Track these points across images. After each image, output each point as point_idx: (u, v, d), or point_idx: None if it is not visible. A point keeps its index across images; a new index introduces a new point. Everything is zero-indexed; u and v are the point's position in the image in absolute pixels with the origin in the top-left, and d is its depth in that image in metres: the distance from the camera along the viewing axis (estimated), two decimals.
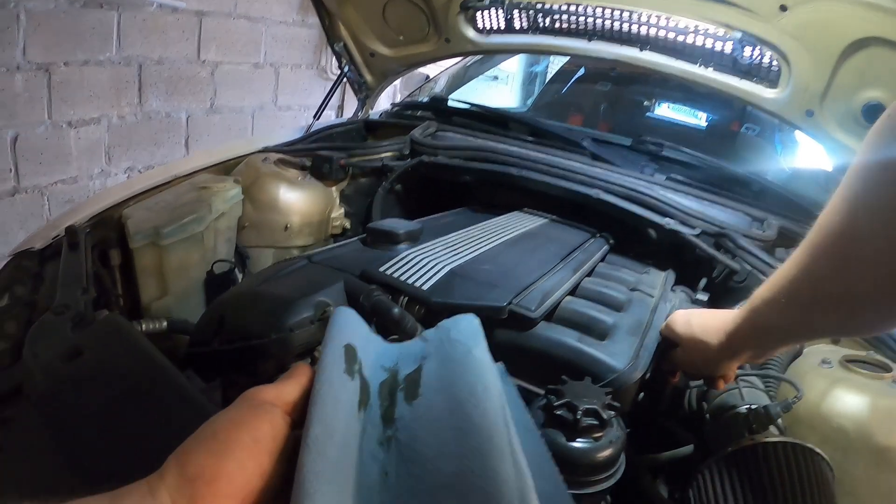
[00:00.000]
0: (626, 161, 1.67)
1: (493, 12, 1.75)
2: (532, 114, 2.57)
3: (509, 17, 1.74)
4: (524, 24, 1.75)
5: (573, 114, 2.49)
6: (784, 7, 1.30)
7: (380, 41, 1.93)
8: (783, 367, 1.05)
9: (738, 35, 1.43)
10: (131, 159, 2.91)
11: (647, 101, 2.51)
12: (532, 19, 1.73)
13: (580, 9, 1.62)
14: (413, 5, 1.78)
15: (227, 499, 0.37)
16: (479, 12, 1.77)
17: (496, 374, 0.53)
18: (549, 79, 3.45)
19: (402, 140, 1.77)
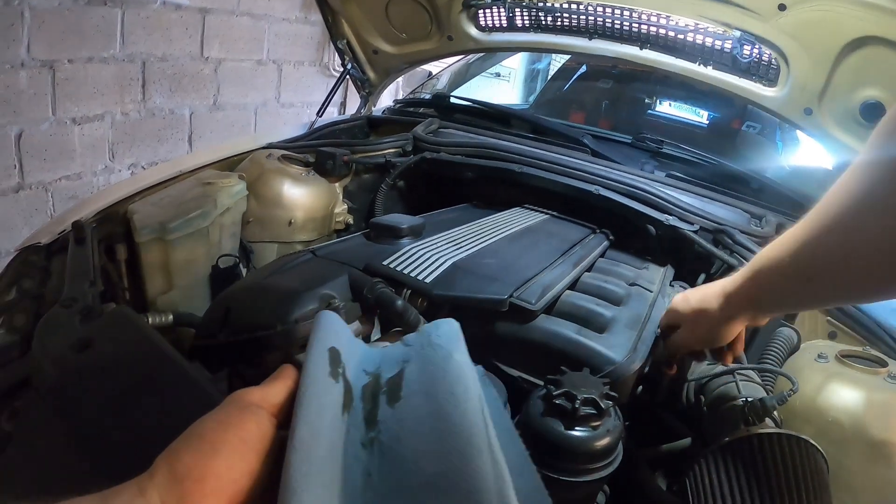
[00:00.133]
0: (627, 158, 1.68)
1: (495, 10, 1.76)
2: (534, 111, 2.57)
3: (511, 15, 1.76)
4: (526, 22, 1.77)
5: (575, 111, 2.48)
6: (783, 6, 1.31)
7: (383, 38, 1.94)
8: (780, 361, 1.07)
9: (738, 34, 1.44)
10: (135, 156, 2.92)
11: (648, 99, 2.50)
12: (534, 17, 1.74)
13: (581, 7, 1.63)
14: (416, 3, 1.79)
15: (215, 498, 0.38)
16: (482, 10, 1.78)
17: (476, 377, 0.54)
18: (550, 76, 3.45)
19: (404, 136, 1.78)
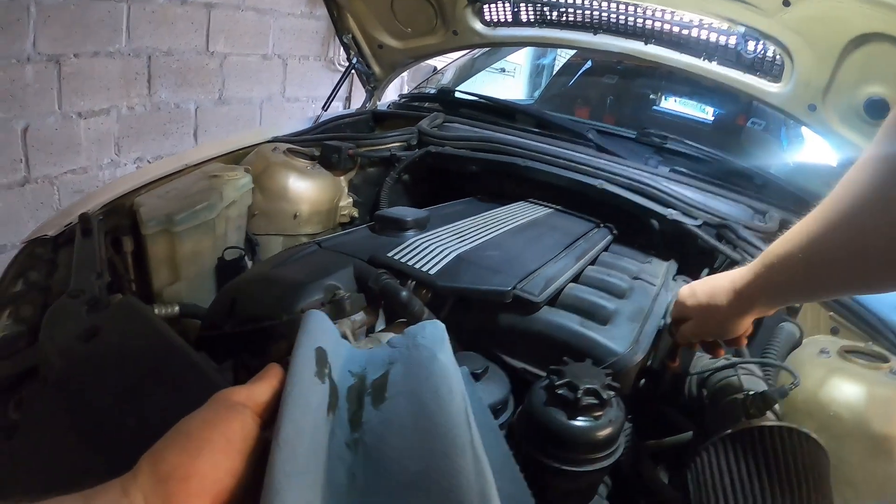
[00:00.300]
0: (631, 153, 1.68)
1: (500, 5, 1.76)
2: (538, 106, 2.57)
3: (516, 10, 1.76)
4: (531, 16, 1.77)
5: (580, 106, 2.47)
6: (787, 2, 1.30)
7: (388, 33, 1.94)
8: (782, 356, 1.07)
9: (742, 29, 1.44)
10: (140, 150, 2.93)
11: (653, 95, 2.49)
12: (539, 12, 1.74)
13: (586, 2, 1.63)
14: None
15: (199, 497, 0.38)
16: (487, 5, 1.78)
17: (460, 377, 0.54)
18: (556, 71, 3.45)
19: (409, 131, 1.79)
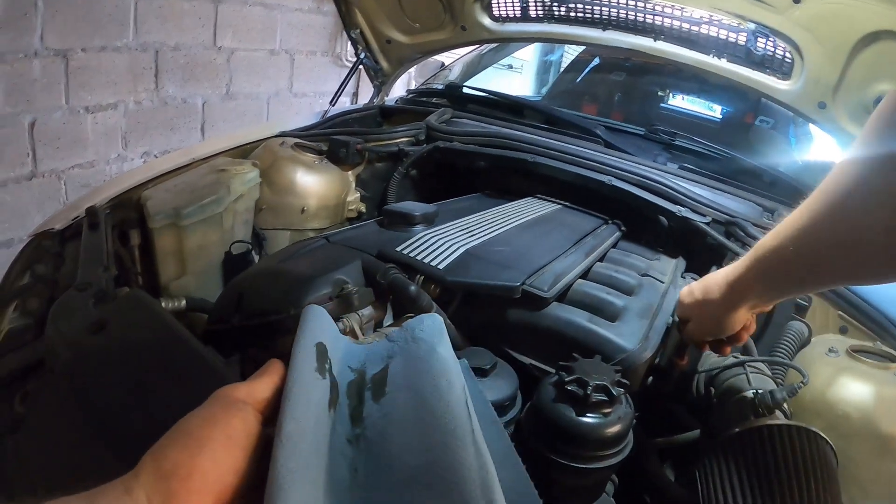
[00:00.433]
0: (640, 150, 1.68)
1: (508, 0, 1.76)
2: (546, 103, 2.56)
3: (525, 5, 1.75)
4: (540, 12, 1.76)
5: (587, 103, 2.46)
6: None
7: (396, 28, 1.94)
8: (791, 354, 1.06)
9: (752, 26, 1.43)
10: (147, 144, 2.93)
11: (661, 92, 2.48)
12: (547, 8, 1.73)
13: None
14: None
15: (201, 495, 0.38)
16: (495, 0, 1.77)
17: (460, 370, 0.54)
18: (563, 68, 3.43)
19: (417, 126, 1.79)
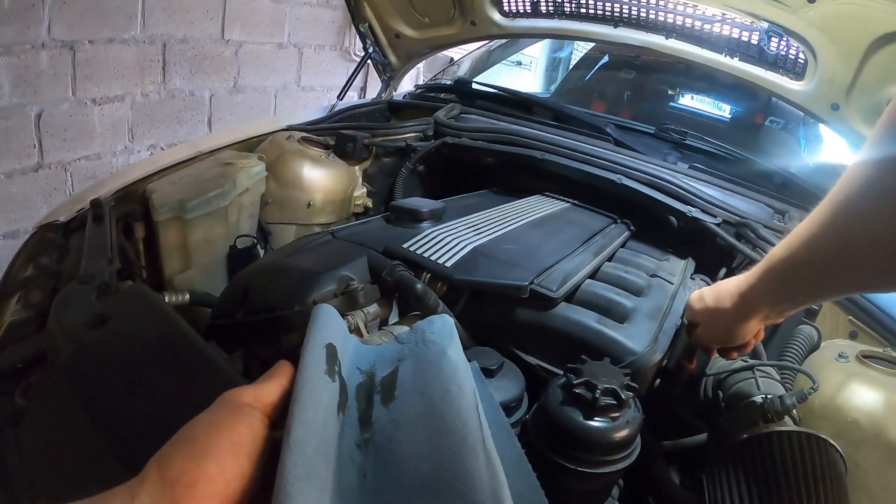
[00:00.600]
0: (650, 149, 1.66)
1: None
2: (555, 100, 2.55)
3: (536, 0, 1.73)
4: (550, 8, 1.74)
5: (596, 101, 2.45)
6: None
7: (405, 23, 1.93)
8: (800, 359, 1.05)
9: (765, 25, 1.41)
10: (154, 137, 2.92)
11: (671, 91, 2.47)
12: (558, 3, 1.72)
13: None
14: None
15: (206, 501, 0.38)
16: None
17: (471, 374, 0.53)
18: (572, 65, 3.42)
19: (425, 121, 1.78)
